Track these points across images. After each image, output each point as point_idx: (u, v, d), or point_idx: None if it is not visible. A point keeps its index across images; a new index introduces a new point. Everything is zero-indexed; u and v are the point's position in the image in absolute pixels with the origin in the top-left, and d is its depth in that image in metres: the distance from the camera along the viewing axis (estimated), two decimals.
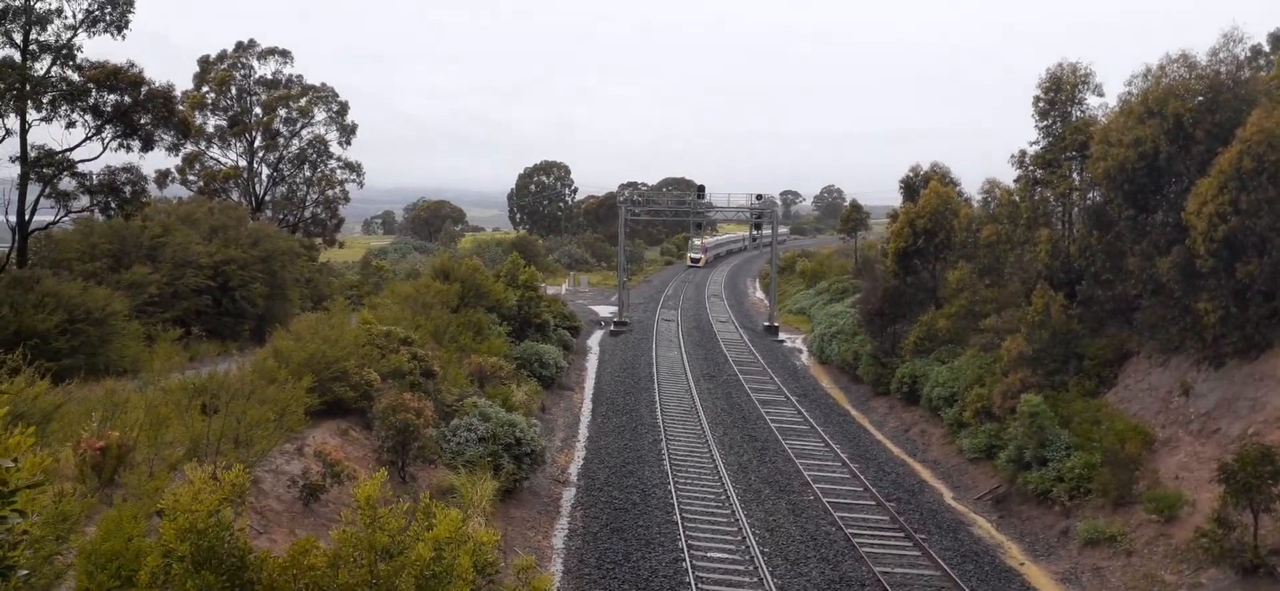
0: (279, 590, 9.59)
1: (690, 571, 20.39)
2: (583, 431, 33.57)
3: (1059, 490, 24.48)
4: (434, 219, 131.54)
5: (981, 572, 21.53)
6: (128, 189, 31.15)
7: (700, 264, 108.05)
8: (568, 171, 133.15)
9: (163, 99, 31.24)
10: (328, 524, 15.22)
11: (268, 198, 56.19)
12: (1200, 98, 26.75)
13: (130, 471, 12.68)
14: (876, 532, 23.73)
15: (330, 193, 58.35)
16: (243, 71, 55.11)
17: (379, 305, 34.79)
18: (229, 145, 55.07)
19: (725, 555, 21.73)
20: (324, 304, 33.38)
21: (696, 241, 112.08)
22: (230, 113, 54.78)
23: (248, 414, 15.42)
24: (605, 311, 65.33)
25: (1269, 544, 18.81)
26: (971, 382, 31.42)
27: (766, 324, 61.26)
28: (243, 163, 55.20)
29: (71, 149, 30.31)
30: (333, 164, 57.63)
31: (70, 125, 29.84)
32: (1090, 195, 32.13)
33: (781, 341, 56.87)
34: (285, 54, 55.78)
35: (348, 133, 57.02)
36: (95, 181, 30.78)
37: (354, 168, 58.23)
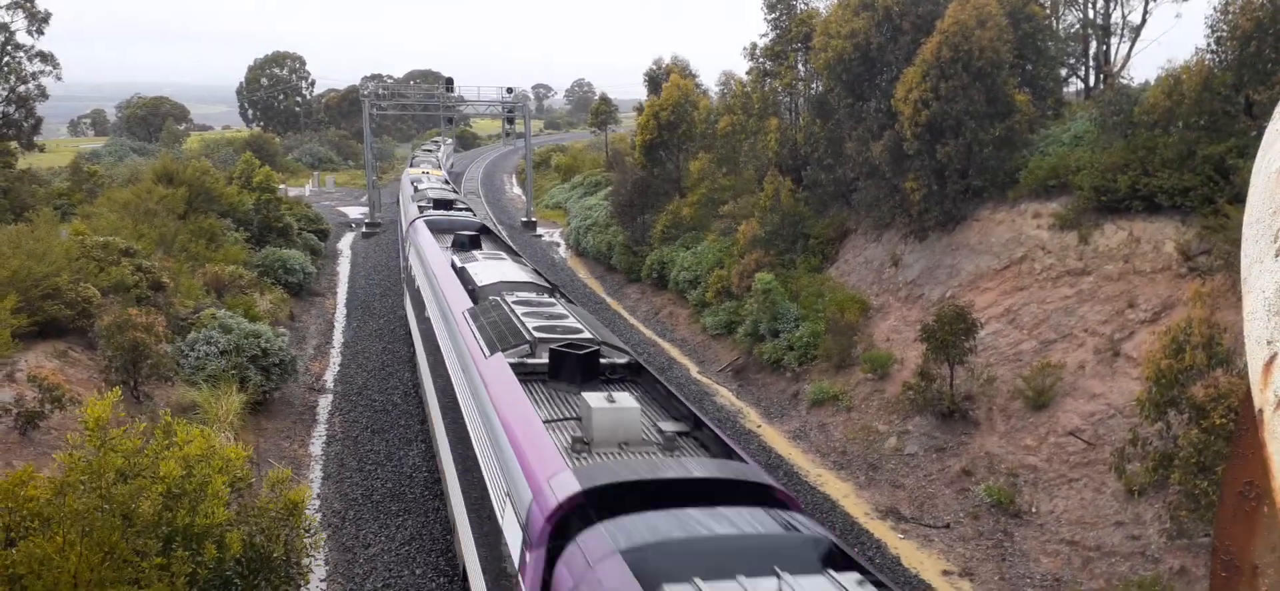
0: None
1: None
2: (338, 337, 32.63)
3: (790, 358, 26.87)
4: (153, 117, 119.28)
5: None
6: None
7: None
8: (303, 63, 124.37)
9: None
10: (52, 452, 14.11)
11: None
12: None
13: None
14: None
15: (22, 88, 51.43)
16: None
17: (94, 214, 31.70)
18: None
19: None
20: (26, 215, 29.92)
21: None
22: None
23: None
24: (356, 213, 62.87)
25: (962, 391, 21.69)
26: (713, 266, 33.42)
27: (524, 219, 61.44)
28: None
29: None
30: (20, 55, 50.69)
31: None
32: (814, 85, 34.49)
33: (540, 236, 57.38)
34: None
35: (39, 21, 50.19)
36: None
37: (48, 58, 51.55)
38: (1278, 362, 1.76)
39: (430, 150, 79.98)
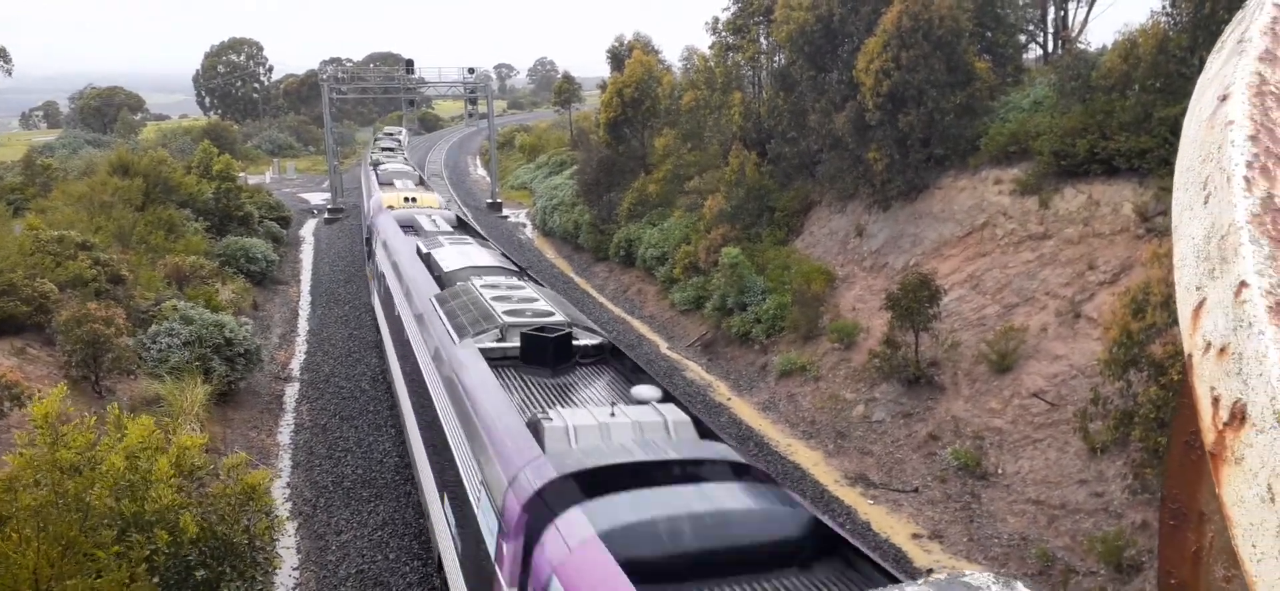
0: None
1: None
2: (303, 325, 32.30)
3: (757, 330, 26.99)
4: (107, 107, 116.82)
5: (693, 410, 23.52)
6: None
7: None
8: (260, 48, 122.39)
9: None
10: (11, 450, 13.88)
11: None
12: None
13: None
14: None
15: None
16: None
17: (48, 208, 31.09)
18: None
19: None
20: None
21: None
22: None
23: None
24: (317, 199, 62.11)
25: (927, 357, 21.91)
26: (680, 242, 33.44)
27: (490, 201, 61.00)
28: None
29: None
30: None
31: None
32: (776, 58, 34.50)
33: (506, 217, 57.00)
34: None
35: None
36: None
37: None
38: (1206, 308, 1.78)
39: (391, 149, 62.08)
